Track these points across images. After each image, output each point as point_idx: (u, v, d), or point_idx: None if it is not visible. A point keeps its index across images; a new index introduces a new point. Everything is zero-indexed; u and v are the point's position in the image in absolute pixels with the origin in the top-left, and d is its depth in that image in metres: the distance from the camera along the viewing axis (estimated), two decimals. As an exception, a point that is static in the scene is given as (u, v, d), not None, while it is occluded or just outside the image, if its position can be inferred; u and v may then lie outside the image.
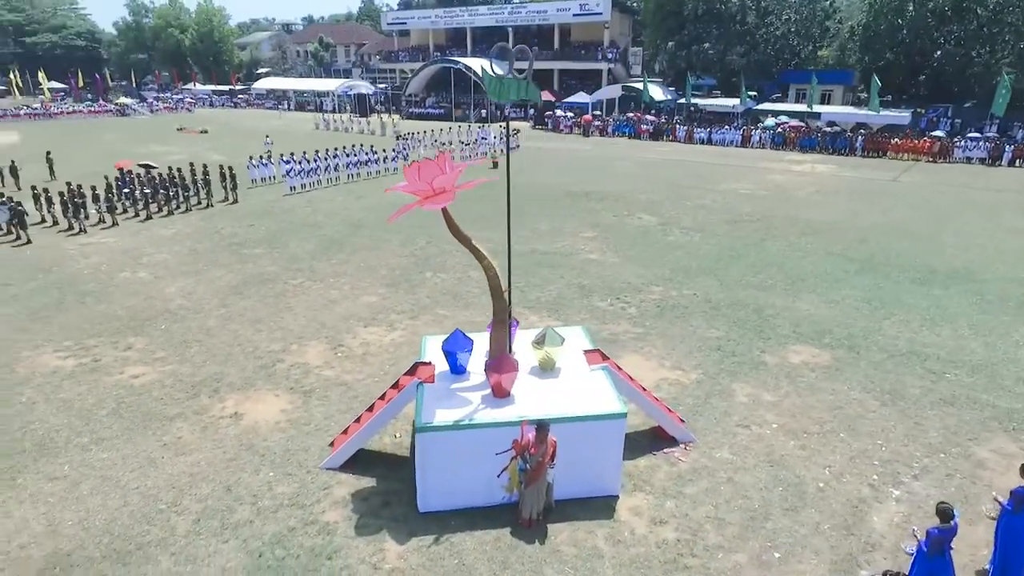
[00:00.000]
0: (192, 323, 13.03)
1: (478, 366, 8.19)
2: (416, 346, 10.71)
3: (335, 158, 28.58)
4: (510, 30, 62.95)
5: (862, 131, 39.90)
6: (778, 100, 50.51)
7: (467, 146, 35.55)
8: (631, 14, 63.33)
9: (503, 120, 53.37)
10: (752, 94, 50.32)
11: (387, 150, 31.91)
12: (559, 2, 58.64)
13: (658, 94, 51.55)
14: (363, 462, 8.53)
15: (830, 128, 40.81)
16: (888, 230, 20.21)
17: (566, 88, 59.07)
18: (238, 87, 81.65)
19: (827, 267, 16.50)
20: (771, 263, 16.82)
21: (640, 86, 49.72)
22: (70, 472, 8.32)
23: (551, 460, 7.18)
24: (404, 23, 71.70)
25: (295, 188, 26.23)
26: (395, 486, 8.04)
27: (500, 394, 7.78)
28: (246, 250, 18.00)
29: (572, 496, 7.68)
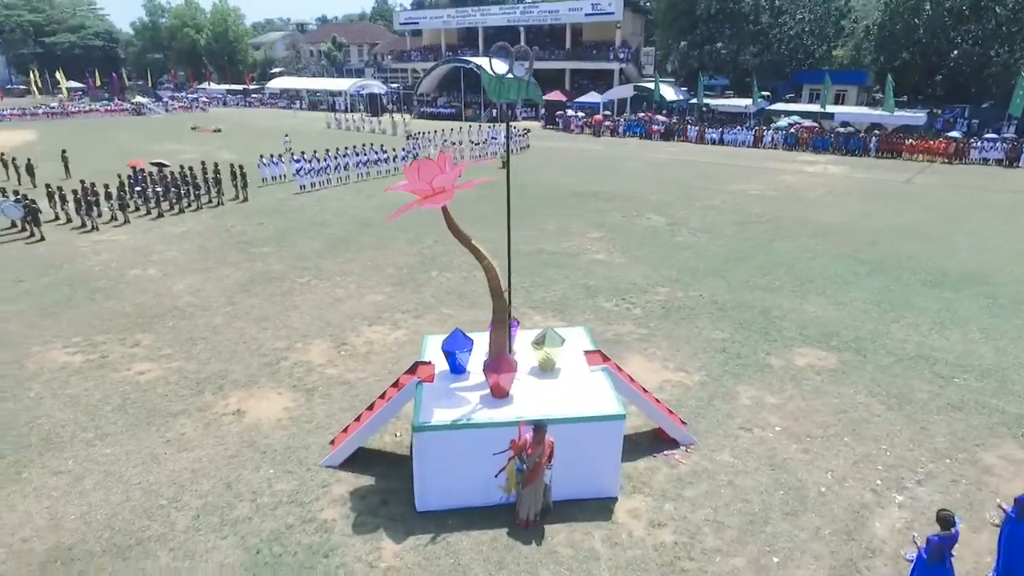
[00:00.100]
0: (199, 320, 13.14)
1: (478, 366, 8.18)
2: (419, 345, 10.72)
3: (345, 157, 28.71)
4: (522, 30, 62.93)
5: (876, 132, 39.45)
6: (791, 100, 50.06)
7: (477, 145, 35.58)
8: (643, 14, 63.05)
9: (513, 120, 53.59)
10: (765, 94, 49.94)
11: (396, 149, 32.00)
12: (571, 2, 58.48)
13: (670, 94, 51.29)
14: (363, 460, 8.55)
15: (843, 129, 40.39)
16: (900, 232, 19.96)
17: (578, 88, 58.91)
18: (252, 86, 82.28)
19: (836, 269, 16.33)
20: (779, 264, 16.67)
21: (652, 86, 49.52)
22: (74, 467, 8.42)
23: (548, 461, 7.17)
24: (416, 23, 71.89)
25: (305, 187, 26.39)
26: (394, 485, 8.06)
27: (499, 394, 7.77)
28: (254, 248, 18.13)
29: (570, 497, 7.66)
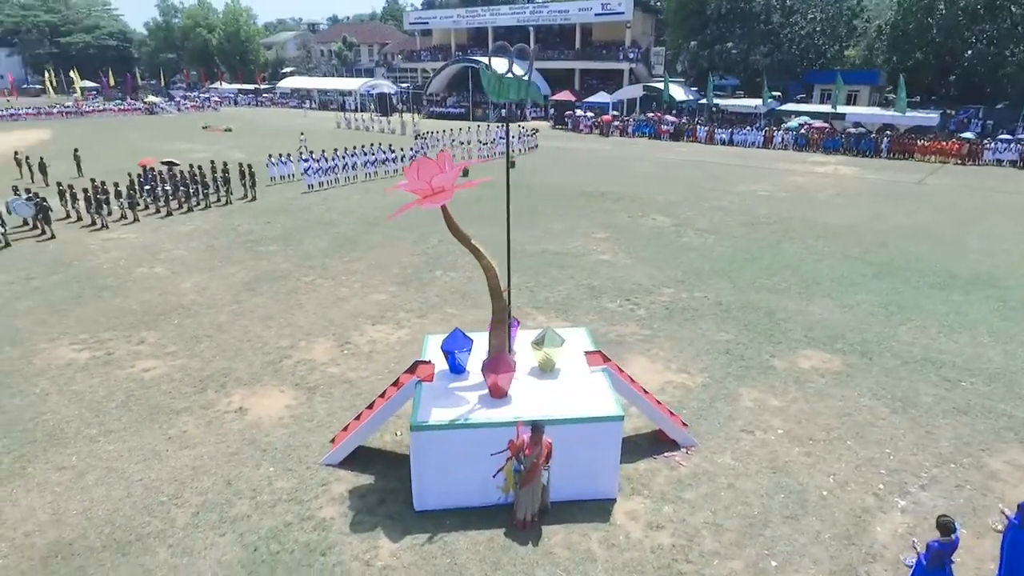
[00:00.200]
0: (204, 318, 13.23)
1: (478, 365, 8.17)
2: (421, 345, 10.73)
3: (353, 157, 28.82)
4: (531, 29, 62.91)
5: (888, 132, 39.06)
6: (802, 100, 49.67)
7: (485, 145, 35.57)
8: (654, 13, 62.83)
9: (522, 120, 53.57)
10: (776, 94, 49.58)
11: (403, 149, 32.07)
12: (581, 1, 58.32)
13: (679, 94, 51.06)
14: (363, 459, 8.57)
15: (855, 129, 40.02)
16: (910, 233, 19.75)
17: (587, 88, 58.80)
18: (263, 86, 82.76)
19: (844, 271, 16.18)
20: (786, 266, 16.54)
21: (661, 86, 49.34)
22: (77, 463, 8.50)
23: (546, 462, 7.15)
24: (426, 23, 72.04)
25: (313, 186, 26.51)
26: (393, 484, 8.07)
27: (497, 394, 7.76)
28: (261, 247, 18.24)
29: (568, 498, 7.64)
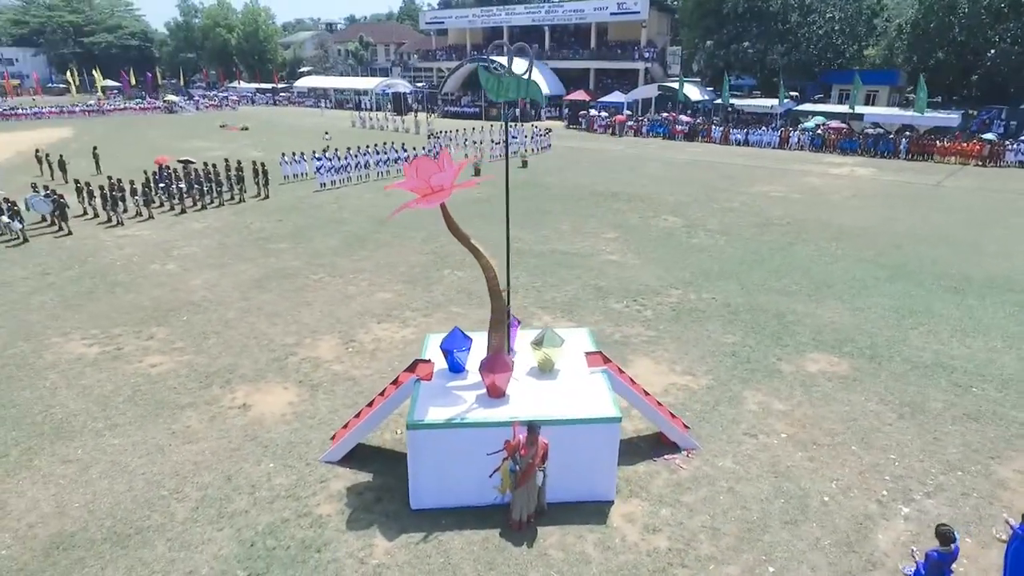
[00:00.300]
0: (213, 315, 13.37)
1: (477, 365, 8.16)
2: (424, 343, 10.77)
3: (365, 156, 28.98)
4: (547, 29, 62.87)
5: (907, 133, 38.44)
6: (820, 101, 49.08)
7: (497, 144, 35.55)
8: (670, 13, 62.38)
9: (536, 119, 53.50)
10: (793, 94, 49.00)
11: (416, 148, 32.16)
12: (596, 1, 58.15)
13: (694, 94, 50.68)
14: (362, 457, 8.60)
15: (873, 130, 39.43)
16: (925, 236, 19.42)
17: (602, 87, 58.58)
18: (280, 85, 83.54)
19: (856, 273, 15.95)
20: (797, 268, 16.34)
21: (676, 86, 49.00)
22: (83, 456, 8.63)
23: (541, 462, 7.12)
24: (442, 22, 72.20)
25: (325, 184, 26.70)
26: (391, 482, 8.09)
27: (495, 394, 7.75)
28: (271, 245, 18.39)
29: (566, 500, 7.61)
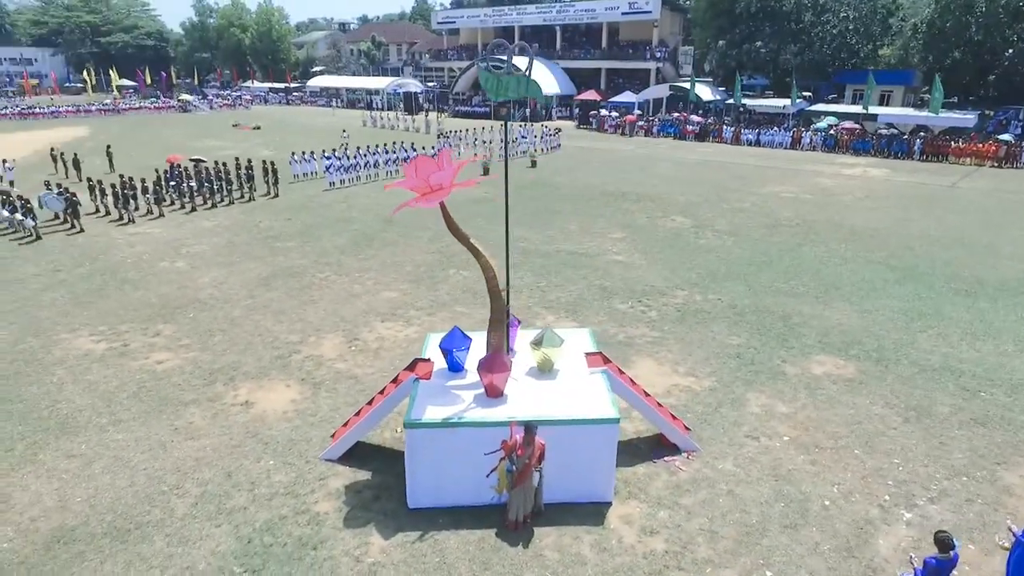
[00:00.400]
0: (219, 312, 13.47)
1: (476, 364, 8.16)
2: (426, 342, 10.78)
3: (375, 155, 29.08)
4: (558, 29, 62.80)
5: (922, 134, 37.97)
6: (833, 101, 48.61)
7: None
8: (682, 12, 62.09)
9: (547, 119, 53.44)
10: (806, 94, 48.56)
11: (426, 147, 32.22)
12: (608, 0, 57.98)
13: (706, 94, 50.39)
14: (362, 455, 8.63)
15: (886, 131, 38.97)
16: (938, 238, 19.16)
17: (613, 87, 58.38)
18: (293, 85, 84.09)
19: (865, 275, 15.77)
20: (805, 269, 16.18)
21: (688, 86, 48.74)
22: (86, 451, 8.72)
23: (539, 463, 7.09)
24: (454, 22, 72.34)
25: (335, 183, 26.82)
26: (389, 480, 8.10)
27: (493, 394, 7.74)
28: (279, 243, 18.50)
29: (563, 500, 7.58)
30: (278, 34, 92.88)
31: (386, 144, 30.58)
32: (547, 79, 57.38)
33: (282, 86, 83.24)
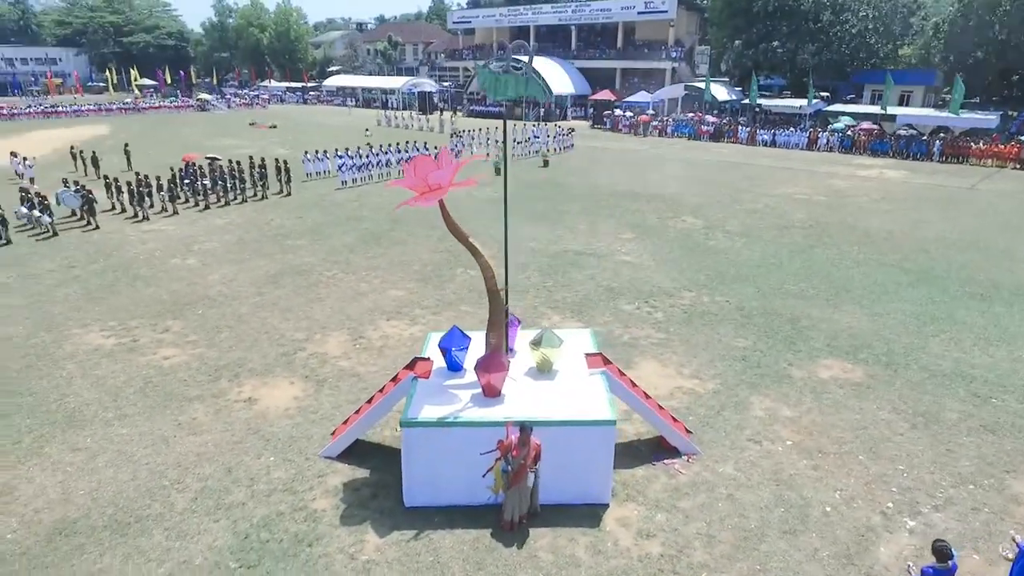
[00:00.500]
0: (227, 309, 13.60)
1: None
2: (430, 341, 10.79)
3: (387, 154, 29.22)
4: (573, 28, 62.65)
5: (941, 135, 37.31)
6: (852, 101, 47.93)
7: (519, 144, 35.54)
8: (698, 12, 61.59)
9: (562, 119, 53.34)
10: (823, 94, 47.93)
11: (439, 147, 32.28)
12: (624, 0, 57.70)
13: (721, 94, 49.96)
14: (362, 453, 8.66)
15: (905, 131, 38.34)
16: (954, 241, 18.82)
17: (629, 87, 58.07)
18: (310, 84, 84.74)
19: (878, 278, 15.53)
20: (816, 272, 15.97)
21: (703, 85, 48.36)
22: (91, 444, 8.85)
23: (534, 463, 7.07)
24: (469, 22, 72.43)
25: (347, 182, 26.98)
26: (387, 479, 8.11)
27: (491, 393, 7.72)
28: (289, 241, 18.65)
29: (560, 502, 7.54)
30: (296, 34, 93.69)
31: (399, 143, 30.70)
32: (562, 79, 57.28)
33: (299, 85, 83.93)
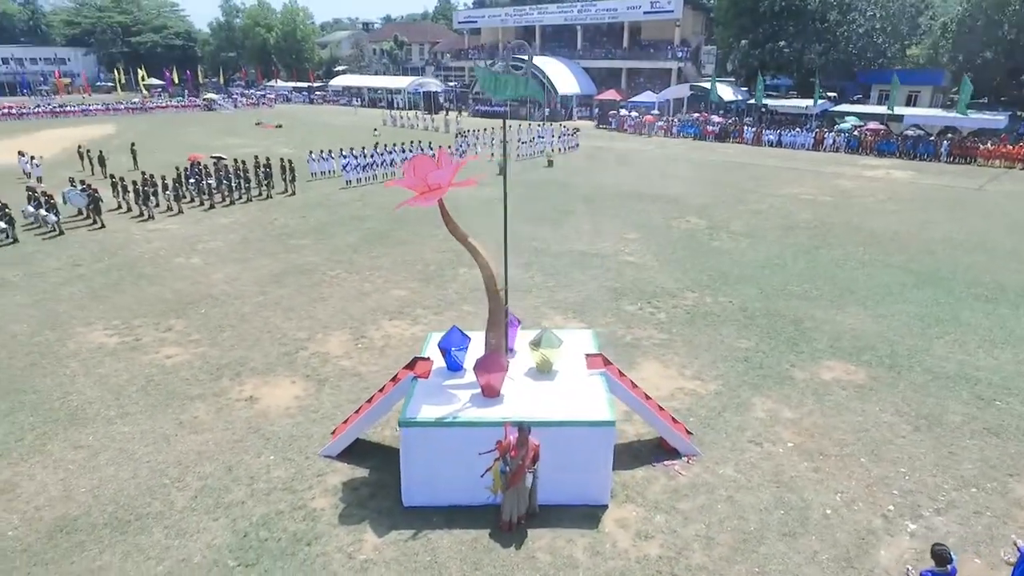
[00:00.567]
0: (230, 308, 13.65)
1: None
2: (431, 341, 10.79)
3: (391, 154, 29.26)
4: (579, 28, 62.61)
5: (949, 135, 37.07)
6: (859, 101, 47.70)
7: (524, 144, 35.51)
8: (704, 11, 61.44)
9: (568, 119, 53.30)
10: (831, 95, 47.69)
11: (443, 147, 32.30)
12: (630, -1, 57.67)
13: (728, 94, 49.80)
14: (362, 453, 8.67)
15: (912, 132, 38.12)
16: (961, 242, 18.69)
17: (634, 87, 58.00)
18: (316, 84, 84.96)
19: (882, 279, 15.44)
20: (820, 273, 15.89)
21: (709, 85, 48.21)
22: (93, 442, 8.89)
23: (532, 464, 7.06)
24: (475, 21, 72.52)
25: (351, 182, 27.04)
26: (387, 478, 8.11)
27: (490, 393, 7.72)
28: (293, 240, 18.70)
29: (559, 503, 7.53)
30: (302, 34, 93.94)
31: (403, 143, 30.74)
32: (567, 79, 57.24)
33: (305, 85, 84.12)
